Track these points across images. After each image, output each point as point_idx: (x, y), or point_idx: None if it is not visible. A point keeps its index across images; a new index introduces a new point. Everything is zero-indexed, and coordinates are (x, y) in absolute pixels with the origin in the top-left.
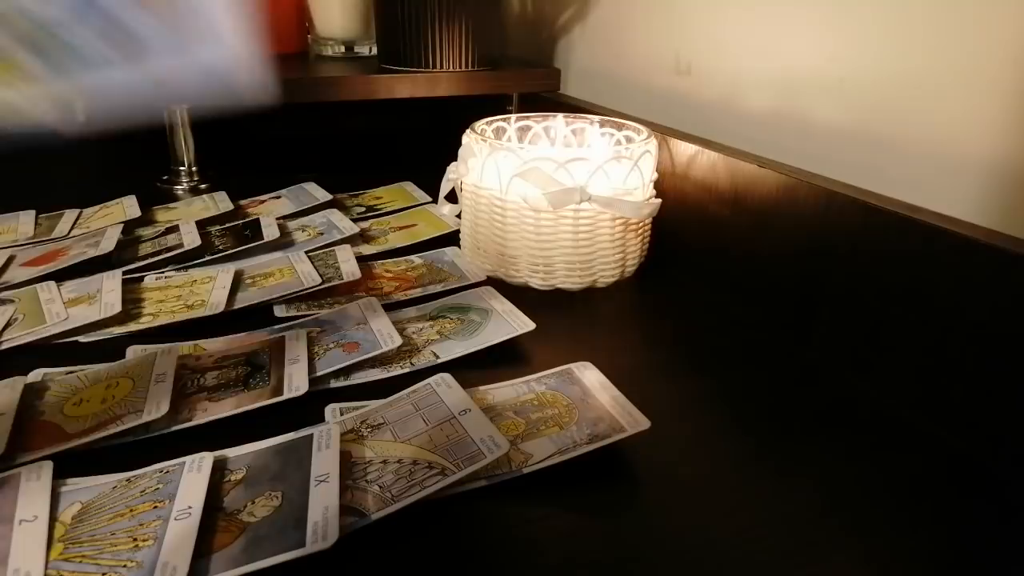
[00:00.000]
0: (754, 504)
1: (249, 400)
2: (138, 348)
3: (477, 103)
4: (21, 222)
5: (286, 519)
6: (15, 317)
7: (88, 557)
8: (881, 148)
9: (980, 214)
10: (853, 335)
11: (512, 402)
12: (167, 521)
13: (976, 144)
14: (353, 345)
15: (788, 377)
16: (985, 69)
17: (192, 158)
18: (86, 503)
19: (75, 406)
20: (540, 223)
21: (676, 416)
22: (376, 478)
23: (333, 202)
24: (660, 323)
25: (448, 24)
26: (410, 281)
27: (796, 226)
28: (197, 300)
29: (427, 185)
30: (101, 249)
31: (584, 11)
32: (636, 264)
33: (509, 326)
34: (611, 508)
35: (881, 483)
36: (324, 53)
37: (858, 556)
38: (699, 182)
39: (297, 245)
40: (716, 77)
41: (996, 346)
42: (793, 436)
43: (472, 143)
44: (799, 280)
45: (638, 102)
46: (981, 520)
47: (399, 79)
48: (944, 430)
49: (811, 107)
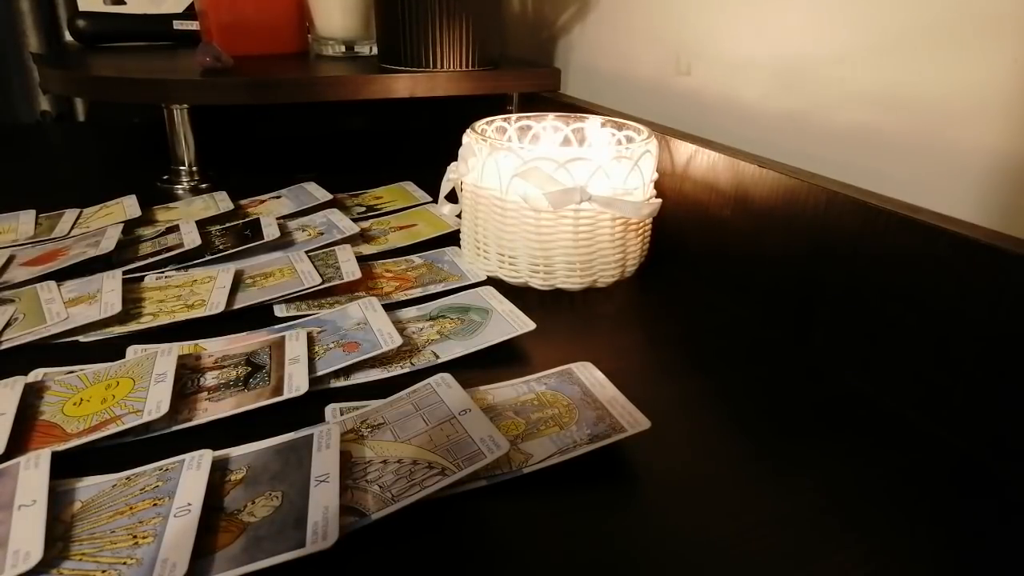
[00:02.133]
0: (754, 504)
1: (249, 400)
2: (138, 348)
3: (477, 103)
4: (21, 222)
5: (286, 519)
6: (15, 317)
7: (88, 555)
8: (882, 148)
9: (980, 214)
10: (853, 335)
11: (512, 402)
12: (167, 518)
13: (976, 144)
14: (353, 345)
15: (788, 377)
16: (986, 69)
17: (192, 158)
18: (86, 501)
19: (75, 406)
20: (540, 223)
21: (676, 416)
22: (376, 478)
23: (333, 202)
24: (660, 323)
25: (448, 24)
26: (410, 281)
27: (796, 226)
28: (197, 300)
29: (427, 185)
30: (101, 249)
31: (584, 11)
32: (636, 264)
33: (509, 326)
34: (611, 508)
35: (881, 483)
36: (324, 53)
37: (858, 556)
38: (699, 182)
39: (297, 245)
40: (717, 77)
41: (996, 346)
42: (793, 436)
43: (472, 143)
44: (799, 280)
45: (638, 102)
46: (981, 520)
47: (399, 79)
48: (944, 430)
49: (812, 107)
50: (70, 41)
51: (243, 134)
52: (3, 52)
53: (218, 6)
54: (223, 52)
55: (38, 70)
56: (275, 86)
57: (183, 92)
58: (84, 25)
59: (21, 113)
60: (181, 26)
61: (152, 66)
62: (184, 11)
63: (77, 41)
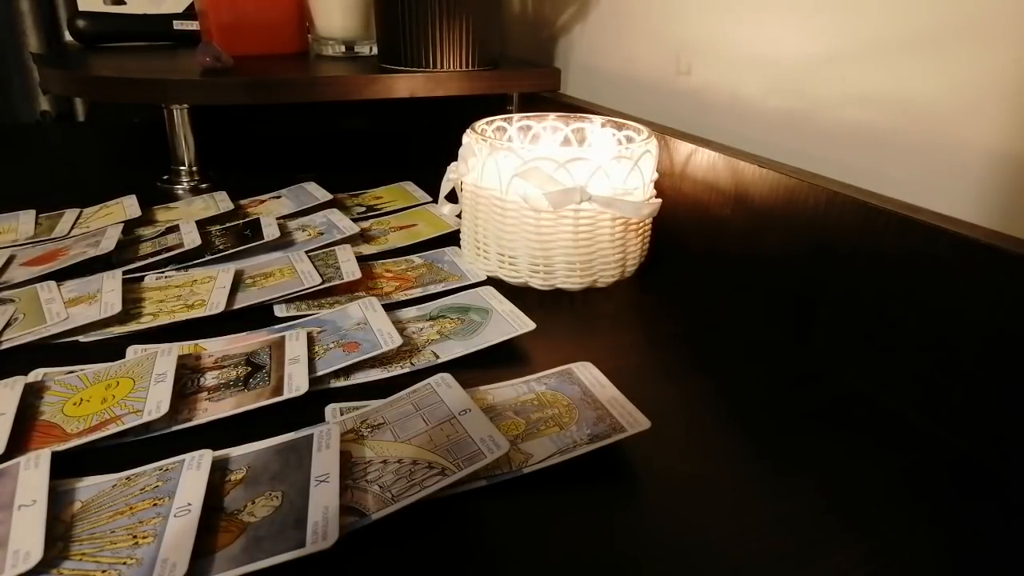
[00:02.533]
0: (754, 504)
1: (249, 400)
2: (138, 348)
3: (477, 103)
4: (21, 222)
5: (286, 519)
6: (15, 317)
7: (88, 555)
8: (882, 148)
9: (980, 214)
10: (853, 335)
11: (512, 402)
12: (167, 518)
13: (976, 144)
14: (353, 345)
15: (788, 377)
16: (986, 68)
17: (192, 158)
18: (86, 501)
19: (75, 406)
20: (540, 223)
21: (676, 416)
22: (376, 478)
23: (333, 202)
24: (660, 323)
25: (448, 24)
26: (410, 281)
27: (796, 226)
28: (197, 300)
29: (427, 185)
30: (101, 249)
31: (584, 11)
32: (636, 264)
33: (509, 326)
34: (611, 508)
35: (881, 483)
36: (324, 53)
37: (858, 556)
38: (699, 182)
39: (297, 245)
40: (717, 77)
41: (996, 346)
42: (793, 436)
43: (472, 143)
44: (799, 280)
45: (638, 102)
46: (981, 520)
47: (399, 79)
48: (944, 430)
49: (812, 107)
50: (70, 41)
51: (243, 134)
52: (3, 52)
53: (218, 6)
54: (223, 52)
55: (38, 70)
56: (275, 86)
57: (183, 92)
58: (84, 25)
59: (21, 113)
60: (181, 26)
61: (152, 66)
62: (184, 11)
63: (77, 41)
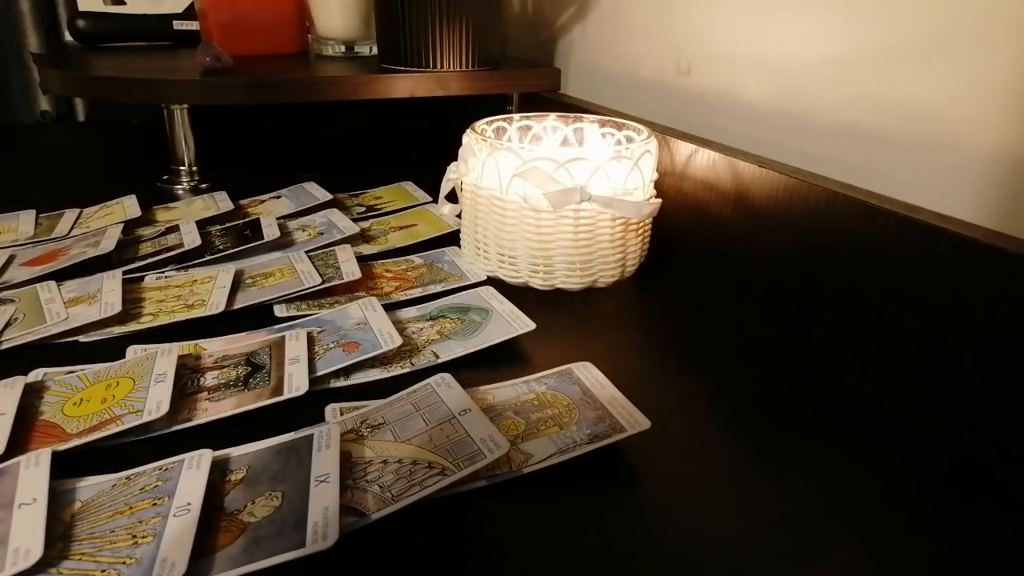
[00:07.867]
0: (754, 504)
1: (249, 400)
2: (138, 348)
3: (477, 103)
4: (21, 222)
5: (286, 519)
6: (15, 317)
7: (88, 554)
8: (882, 148)
9: (980, 214)
10: (853, 335)
11: (512, 402)
12: (166, 518)
13: (976, 144)
14: (353, 345)
15: (788, 377)
16: (986, 68)
17: (192, 158)
18: (86, 501)
19: (75, 406)
20: (540, 223)
21: (676, 416)
22: (376, 478)
23: (333, 202)
24: (660, 323)
25: (448, 24)
26: (410, 281)
27: (796, 226)
28: (197, 300)
29: (427, 185)
30: (101, 249)
31: (584, 11)
32: (636, 264)
33: (509, 326)
34: (611, 508)
35: (881, 483)
36: (324, 53)
37: (858, 556)
38: (699, 182)
39: (297, 245)
40: (716, 77)
41: (996, 346)
42: (793, 436)
43: (472, 143)
44: (799, 280)
45: (638, 102)
46: (981, 520)
47: (399, 79)
48: (944, 430)
49: (812, 107)
50: (70, 41)
51: (243, 134)
52: (3, 52)
53: (218, 6)
54: (223, 52)
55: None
56: (275, 86)
57: (183, 92)
58: (84, 25)
59: (21, 113)
60: (181, 26)
61: (152, 66)
62: (184, 11)
63: (77, 41)
